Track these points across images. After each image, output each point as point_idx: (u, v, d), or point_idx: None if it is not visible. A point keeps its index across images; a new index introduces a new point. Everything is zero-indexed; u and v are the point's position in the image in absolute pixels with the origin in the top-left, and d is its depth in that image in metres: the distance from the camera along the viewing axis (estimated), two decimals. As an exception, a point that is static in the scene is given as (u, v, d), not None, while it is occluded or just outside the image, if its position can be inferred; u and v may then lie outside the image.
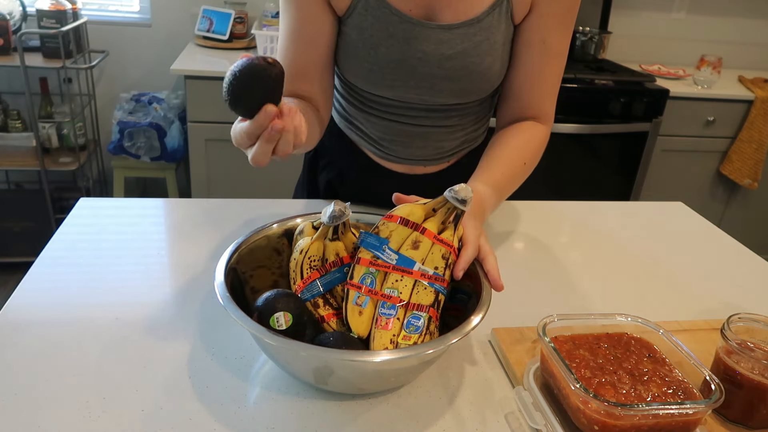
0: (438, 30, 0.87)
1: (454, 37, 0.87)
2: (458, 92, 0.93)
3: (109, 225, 0.98)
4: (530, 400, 0.65)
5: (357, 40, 0.89)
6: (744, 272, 1.02)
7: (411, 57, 0.88)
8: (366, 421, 0.64)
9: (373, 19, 0.87)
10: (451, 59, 0.88)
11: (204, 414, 0.62)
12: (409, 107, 0.96)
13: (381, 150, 1.04)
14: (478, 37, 0.87)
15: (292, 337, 0.59)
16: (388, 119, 0.99)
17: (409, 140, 1.01)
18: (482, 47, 0.88)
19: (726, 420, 0.67)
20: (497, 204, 0.88)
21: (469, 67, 0.89)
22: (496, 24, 0.88)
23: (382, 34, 0.88)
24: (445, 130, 1.00)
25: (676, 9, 2.88)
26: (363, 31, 0.88)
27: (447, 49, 0.88)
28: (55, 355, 0.68)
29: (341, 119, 1.06)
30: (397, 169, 1.06)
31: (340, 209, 0.69)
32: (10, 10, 2.31)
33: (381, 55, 0.89)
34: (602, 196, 2.50)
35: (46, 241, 0.91)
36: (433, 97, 0.93)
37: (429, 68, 0.89)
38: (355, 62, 0.92)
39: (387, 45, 0.88)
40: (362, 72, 0.92)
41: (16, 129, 2.40)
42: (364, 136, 1.04)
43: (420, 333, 0.65)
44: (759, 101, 2.50)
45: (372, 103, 0.98)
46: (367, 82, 0.94)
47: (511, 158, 0.91)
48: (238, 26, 2.48)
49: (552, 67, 0.92)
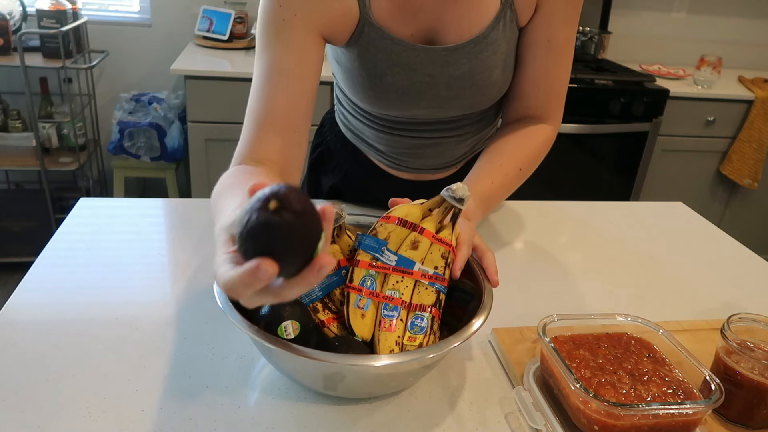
0: (443, 52, 0.84)
1: (460, 57, 0.84)
2: (469, 106, 0.91)
3: (109, 225, 0.98)
4: (530, 400, 0.65)
5: (360, 69, 0.86)
6: (744, 272, 1.02)
7: (418, 82, 0.86)
8: (367, 423, 0.64)
9: (376, 50, 0.83)
10: (460, 79, 0.86)
11: (204, 414, 0.62)
12: (418, 122, 0.94)
13: (390, 161, 1.02)
14: (485, 53, 0.85)
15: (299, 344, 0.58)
16: (398, 135, 0.97)
17: (420, 152, 0.99)
18: (490, 61, 0.86)
19: (726, 420, 0.67)
20: (484, 214, 0.86)
21: (478, 83, 0.87)
22: (501, 36, 0.85)
23: (387, 63, 0.84)
24: (456, 139, 0.98)
25: (676, 9, 2.88)
26: (366, 62, 0.84)
27: (454, 70, 0.85)
28: (55, 355, 0.68)
29: (348, 131, 1.05)
30: (406, 176, 1.04)
31: (336, 212, 0.69)
32: (10, 10, 2.31)
33: (387, 83, 0.86)
34: (602, 196, 2.50)
35: (46, 241, 0.91)
36: (444, 113, 0.92)
37: (437, 90, 0.87)
38: (361, 90, 0.88)
39: (392, 74, 0.85)
40: (368, 99, 0.89)
41: (16, 129, 2.40)
42: (372, 149, 1.03)
43: (425, 333, 0.65)
44: (759, 101, 2.50)
45: (381, 121, 0.96)
46: (373, 106, 0.91)
47: (504, 166, 0.89)
48: (238, 26, 2.48)
49: (558, 67, 0.90)
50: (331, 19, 0.80)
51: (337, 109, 1.07)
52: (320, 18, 0.79)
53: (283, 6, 0.77)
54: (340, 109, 1.05)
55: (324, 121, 1.14)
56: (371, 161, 1.05)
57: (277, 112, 0.78)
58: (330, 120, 1.11)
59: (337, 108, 1.07)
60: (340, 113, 1.05)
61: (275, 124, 0.78)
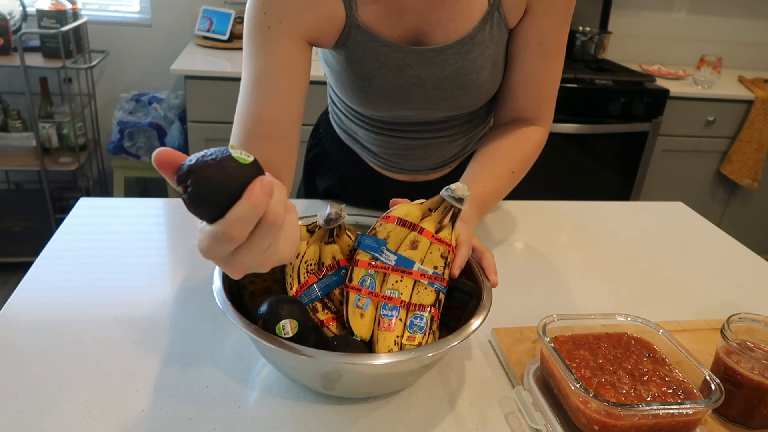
0: (431, 53, 0.84)
1: (448, 57, 0.84)
2: (457, 107, 0.91)
3: (109, 225, 0.98)
4: (530, 400, 0.65)
5: (349, 71, 0.86)
6: (744, 272, 1.02)
7: (406, 83, 0.86)
8: (366, 423, 0.64)
9: (363, 52, 0.83)
10: (447, 80, 0.86)
11: (204, 414, 0.62)
12: (409, 123, 0.95)
13: (383, 162, 1.03)
14: (473, 54, 0.85)
15: (297, 343, 0.58)
16: (389, 135, 0.97)
17: (411, 152, 1.00)
18: (477, 62, 0.86)
19: (726, 420, 0.67)
20: (480, 218, 0.86)
21: (466, 84, 0.87)
22: (489, 37, 0.85)
23: (374, 65, 0.84)
24: (447, 139, 0.99)
25: (676, 9, 2.87)
26: (354, 63, 0.84)
27: (442, 71, 0.85)
28: (55, 355, 0.68)
29: (342, 132, 1.05)
30: (400, 178, 1.05)
31: (336, 212, 0.69)
32: (10, 10, 2.31)
33: (375, 85, 0.86)
34: (602, 196, 2.50)
35: (46, 241, 0.91)
36: (433, 114, 0.92)
37: (425, 90, 0.87)
38: (350, 91, 0.89)
39: (380, 75, 0.85)
40: (358, 100, 0.90)
41: (16, 129, 2.40)
42: (365, 149, 1.03)
43: (424, 333, 0.65)
44: (759, 101, 2.50)
45: (371, 121, 0.97)
46: (363, 107, 0.92)
47: (497, 169, 0.88)
48: (238, 26, 2.48)
49: (549, 68, 0.89)
50: (316, 24, 0.80)
51: (331, 109, 1.07)
52: (305, 23, 0.79)
53: (267, 13, 0.77)
54: (333, 109, 1.05)
55: (319, 122, 1.14)
56: (366, 164, 1.05)
57: (265, 118, 0.78)
58: (325, 121, 1.11)
59: (331, 108, 1.07)
60: (334, 113, 1.06)
61: (264, 130, 0.78)
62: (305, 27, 0.79)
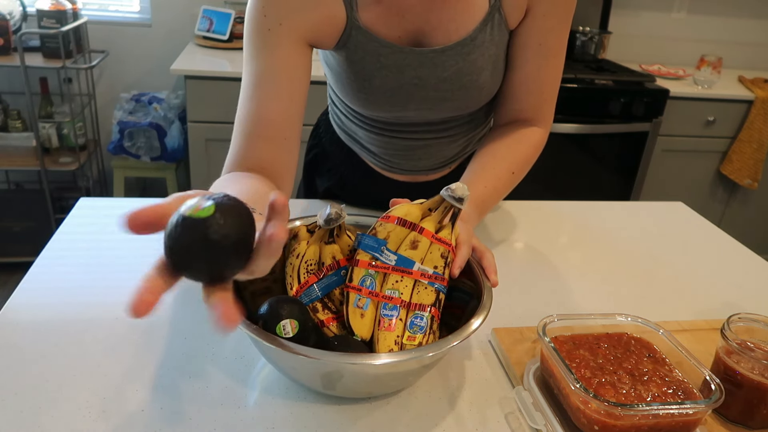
0: (431, 54, 0.84)
1: (448, 58, 0.84)
2: (458, 108, 0.91)
3: (109, 225, 0.98)
4: (530, 400, 0.65)
5: (349, 72, 0.85)
6: (744, 272, 1.02)
7: (407, 84, 0.86)
8: (366, 423, 0.64)
9: (364, 53, 0.83)
10: (448, 80, 0.86)
11: (204, 414, 0.62)
12: (409, 124, 0.95)
13: (383, 162, 1.03)
14: (473, 54, 0.85)
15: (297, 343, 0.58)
16: (389, 136, 0.97)
17: (411, 153, 1.00)
18: (478, 63, 0.86)
19: (726, 420, 0.67)
20: (479, 218, 0.86)
21: (467, 85, 0.87)
22: (489, 38, 0.85)
23: (375, 66, 0.84)
24: (447, 140, 0.99)
25: (676, 9, 2.88)
26: (354, 64, 0.84)
27: (442, 72, 0.85)
28: (55, 355, 0.68)
29: (342, 132, 1.05)
30: (400, 178, 1.05)
31: (336, 212, 0.69)
32: (10, 10, 2.31)
33: (376, 86, 0.86)
34: (602, 196, 2.50)
35: (46, 241, 0.91)
36: (433, 114, 0.92)
37: (426, 91, 0.87)
38: (350, 92, 0.89)
39: (381, 76, 0.85)
40: (358, 101, 0.90)
41: (16, 129, 2.40)
42: (365, 149, 1.03)
43: (424, 333, 0.65)
44: (759, 101, 2.50)
45: (371, 122, 0.97)
46: (363, 108, 0.91)
47: (497, 169, 0.88)
48: (238, 26, 2.48)
49: (550, 69, 0.90)
50: (317, 25, 0.80)
51: (331, 109, 1.07)
52: (306, 25, 0.79)
53: (267, 15, 0.77)
54: (333, 110, 1.05)
55: (319, 122, 1.14)
56: (366, 164, 1.05)
57: (266, 119, 0.78)
58: (325, 121, 1.11)
59: (331, 108, 1.07)
60: (334, 114, 1.06)
61: (265, 131, 0.79)
62: (305, 28, 0.79)
